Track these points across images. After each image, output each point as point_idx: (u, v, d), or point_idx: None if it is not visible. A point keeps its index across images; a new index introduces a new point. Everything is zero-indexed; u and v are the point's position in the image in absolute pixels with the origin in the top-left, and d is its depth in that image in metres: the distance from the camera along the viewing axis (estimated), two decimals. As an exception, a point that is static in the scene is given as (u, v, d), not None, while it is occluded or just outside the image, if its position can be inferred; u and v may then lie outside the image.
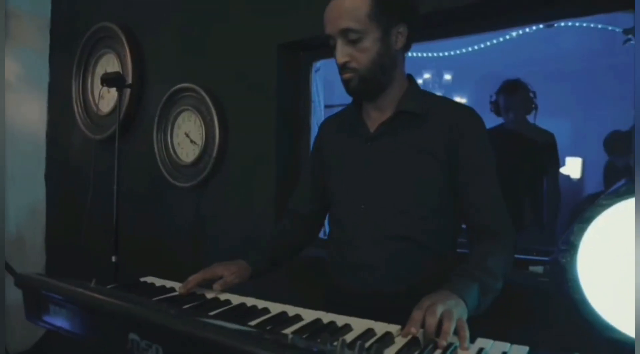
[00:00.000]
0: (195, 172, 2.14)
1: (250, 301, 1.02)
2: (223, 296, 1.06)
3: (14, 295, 1.03)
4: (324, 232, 1.73)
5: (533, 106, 2.42)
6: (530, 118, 2.43)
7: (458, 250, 1.16)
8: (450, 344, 0.74)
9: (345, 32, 1.02)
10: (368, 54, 1.03)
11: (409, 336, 0.76)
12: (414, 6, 1.09)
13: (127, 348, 0.76)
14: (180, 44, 2.30)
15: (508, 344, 0.75)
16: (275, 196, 1.90)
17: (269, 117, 1.93)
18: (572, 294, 0.88)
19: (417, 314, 0.78)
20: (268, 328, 0.87)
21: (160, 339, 0.72)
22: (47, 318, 0.94)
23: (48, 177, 3.07)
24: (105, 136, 2.52)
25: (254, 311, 0.97)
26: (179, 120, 2.22)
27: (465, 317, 0.80)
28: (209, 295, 1.08)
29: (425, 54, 3.75)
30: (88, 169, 2.38)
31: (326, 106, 2.10)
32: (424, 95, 1.14)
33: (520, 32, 2.83)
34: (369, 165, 1.11)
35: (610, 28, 3.11)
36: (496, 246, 0.98)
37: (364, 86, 1.06)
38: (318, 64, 2.01)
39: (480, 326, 0.85)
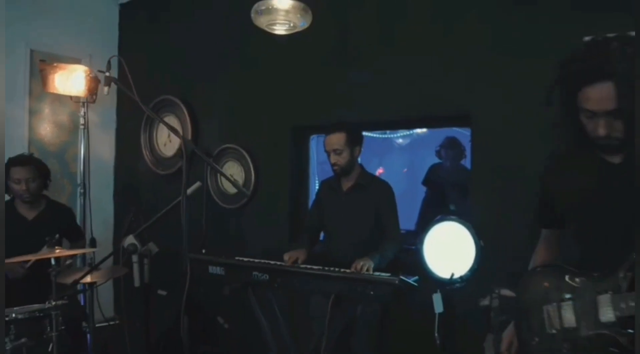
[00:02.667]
0: (236, 200, 3.54)
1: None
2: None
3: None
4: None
5: (464, 155, 3.92)
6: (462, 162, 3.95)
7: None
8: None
9: (335, 150, 2.45)
10: (344, 160, 2.46)
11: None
12: (362, 137, 2.54)
13: (253, 277, 2.17)
14: (225, 114, 3.70)
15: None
16: (287, 219, 3.31)
17: (284, 168, 3.35)
18: (421, 259, 2.33)
19: (356, 263, 2.19)
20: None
21: (269, 271, 2.13)
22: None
23: (115, 197, 4.42)
24: (169, 172, 3.90)
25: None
26: (226, 166, 3.62)
27: (372, 266, 2.22)
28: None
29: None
30: (150, 193, 3.73)
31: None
32: (368, 175, 2.58)
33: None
34: (345, 208, 2.54)
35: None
36: (390, 243, 2.42)
37: (341, 172, 2.49)
38: (314, 136, 3.44)
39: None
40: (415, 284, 2.01)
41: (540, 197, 1.56)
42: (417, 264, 2.41)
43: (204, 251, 3.00)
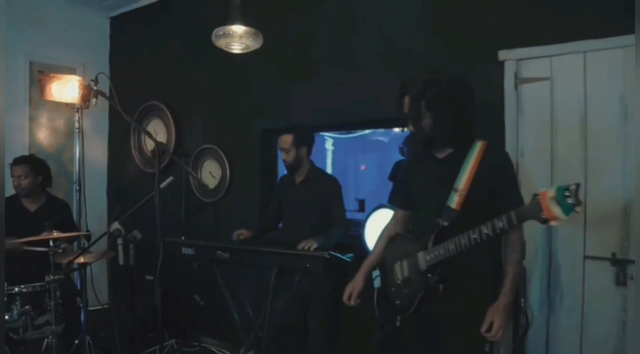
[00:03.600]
0: (215, 194, 4.00)
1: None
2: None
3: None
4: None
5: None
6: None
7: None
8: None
9: (284, 149, 2.91)
10: (291, 157, 2.92)
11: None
12: (312, 138, 3.00)
13: (217, 256, 2.64)
14: (205, 118, 4.16)
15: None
16: (258, 211, 3.77)
17: (255, 166, 3.81)
18: (362, 241, 2.80)
19: (302, 243, 2.64)
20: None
21: (229, 250, 2.60)
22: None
23: (108, 194, 4.89)
24: (154, 171, 4.35)
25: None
26: (205, 164, 4.08)
27: (315, 246, 2.65)
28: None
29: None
30: (139, 190, 4.20)
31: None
32: (318, 170, 3.04)
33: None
34: (297, 199, 3.00)
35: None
36: (335, 229, 2.87)
37: (290, 167, 2.96)
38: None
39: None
40: (348, 259, 2.46)
41: (402, 188, 2.16)
42: (360, 246, 2.90)
43: (182, 237, 3.47)
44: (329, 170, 6.11)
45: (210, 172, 4.06)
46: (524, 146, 2.54)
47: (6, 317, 2.46)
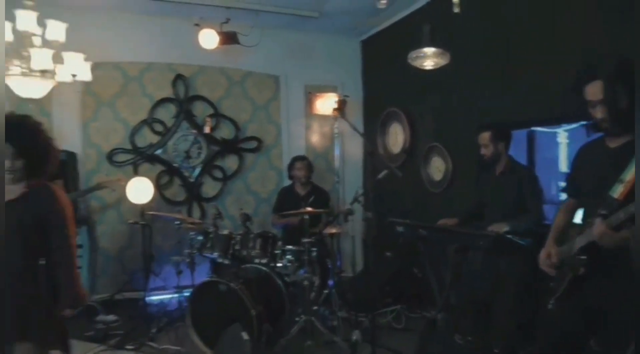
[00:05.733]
0: (439, 185, 4.68)
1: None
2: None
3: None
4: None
5: None
6: None
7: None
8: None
9: (483, 144, 3.40)
10: (489, 152, 3.37)
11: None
12: (508, 134, 3.39)
13: (419, 233, 3.35)
14: (431, 119, 4.87)
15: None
16: (471, 201, 4.28)
17: (473, 161, 4.33)
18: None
19: (494, 225, 3.12)
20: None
21: (427, 229, 3.29)
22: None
23: (364, 185, 6.08)
24: (395, 165, 5.29)
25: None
26: (433, 160, 4.79)
27: (505, 229, 3.10)
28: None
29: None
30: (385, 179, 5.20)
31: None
32: (515, 163, 3.41)
33: None
34: (495, 189, 3.43)
35: None
36: (527, 216, 3.18)
37: (489, 161, 3.41)
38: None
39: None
40: (523, 243, 2.84)
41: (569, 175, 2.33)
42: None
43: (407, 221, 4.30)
44: (562, 163, 5.94)
45: (437, 167, 4.76)
46: None
47: (279, 264, 3.78)
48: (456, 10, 2.93)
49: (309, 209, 3.83)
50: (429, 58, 3.17)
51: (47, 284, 2.17)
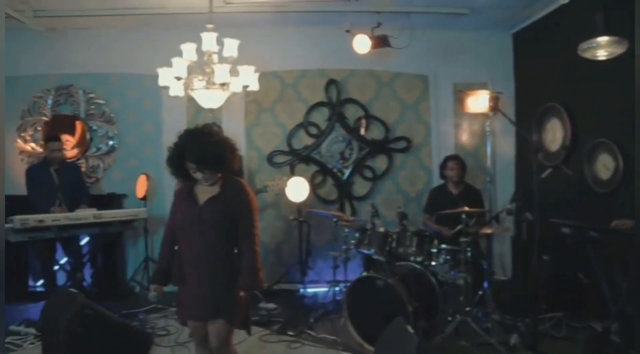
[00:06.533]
0: (608, 185, 4.33)
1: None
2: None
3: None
4: None
5: None
6: None
7: None
8: None
9: None
10: None
11: None
12: None
13: (588, 235, 3.16)
14: (595, 113, 4.51)
15: None
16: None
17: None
18: None
19: None
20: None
21: (598, 231, 3.09)
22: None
23: (516, 183, 5.82)
24: (551, 164, 4.99)
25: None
26: (600, 158, 4.45)
27: None
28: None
29: None
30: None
31: None
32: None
33: None
34: None
35: None
36: None
37: None
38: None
39: None
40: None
41: None
42: None
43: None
44: None
45: (604, 165, 4.40)
46: None
47: (433, 263, 3.83)
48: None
49: (466, 208, 3.83)
50: (602, 48, 2.99)
51: (234, 268, 2.51)
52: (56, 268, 4.86)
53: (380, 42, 4.88)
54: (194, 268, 2.49)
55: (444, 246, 3.91)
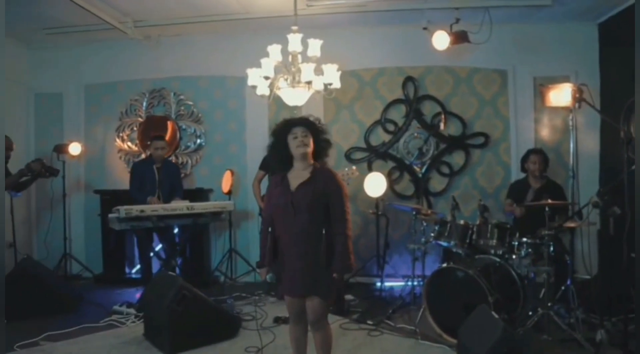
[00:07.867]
0: None
1: None
2: None
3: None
4: None
5: None
6: None
7: None
8: None
9: None
10: None
11: None
12: None
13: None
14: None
15: None
16: None
17: None
18: None
19: None
20: None
21: None
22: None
23: (600, 179, 5.65)
24: (643, 158, 4.82)
25: None
26: None
27: None
28: None
29: None
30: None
31: None
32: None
33: None
34: None
35: None
36: None
37: None
38: None
39: None
40: None
41: None
42: None
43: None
44: None
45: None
46: None
47: (514, 256, 3.87)
48: None
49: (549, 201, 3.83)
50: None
51: (328, 250, 2.71)
52: (151, 255, 5.32)
53: (460, 38, 4.92)
54: (291, 248, 2.72)
55: (525, 239, 3.92)
